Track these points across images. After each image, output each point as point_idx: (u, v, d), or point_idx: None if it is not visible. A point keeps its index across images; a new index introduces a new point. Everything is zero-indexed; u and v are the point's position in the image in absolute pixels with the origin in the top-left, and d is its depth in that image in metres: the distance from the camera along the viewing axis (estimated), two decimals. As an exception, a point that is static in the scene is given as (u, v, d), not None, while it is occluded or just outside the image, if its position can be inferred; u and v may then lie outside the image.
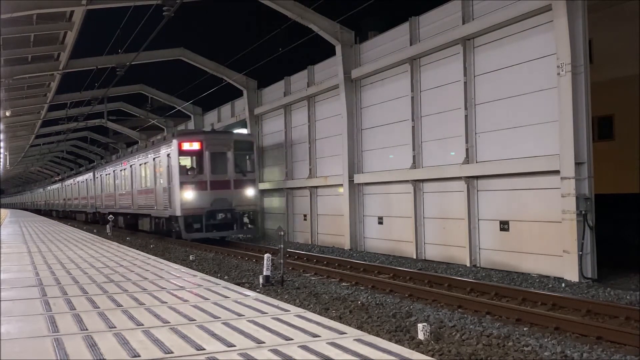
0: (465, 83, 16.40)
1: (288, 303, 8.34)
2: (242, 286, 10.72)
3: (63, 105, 39.43)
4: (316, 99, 24.83)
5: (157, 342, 5.20)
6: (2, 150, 48.93)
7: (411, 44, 18.59)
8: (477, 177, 16.18)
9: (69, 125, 45.03)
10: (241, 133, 28.62)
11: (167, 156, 25.35)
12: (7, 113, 33.39)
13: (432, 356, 7.26)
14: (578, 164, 13.11)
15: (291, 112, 27.10)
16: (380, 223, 20.71)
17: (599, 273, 13.15)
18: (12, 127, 43.18)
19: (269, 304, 6.98)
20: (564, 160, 13.25)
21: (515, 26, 14.95)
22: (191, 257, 19.14)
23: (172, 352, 4.89)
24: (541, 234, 14.25)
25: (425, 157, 18.29)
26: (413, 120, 18.51)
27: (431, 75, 18.00)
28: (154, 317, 6.25)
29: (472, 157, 16.28)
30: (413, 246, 18.63)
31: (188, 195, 23.98)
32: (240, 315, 6.32)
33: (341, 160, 22.16)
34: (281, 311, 6.55)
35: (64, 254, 13.79)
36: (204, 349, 4.95)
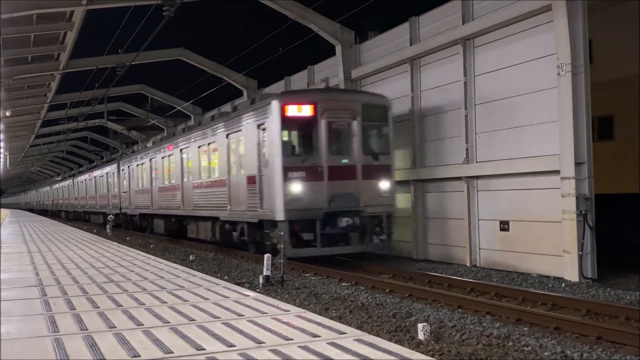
0: (465, 83, 16.40)
1: (288, 303, 8.34)
2: (242, 286, 10.72)
3: (63, 105, 39.45)
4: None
5: (157, 342, 5.20)
6: (2, 150, 48.93)
7: (411, 44, 18.58)
8: (477, 177, 16.18)
9: (69, 125, 45.04)
10: (372, 93, 18.63)
11: (259, 128, 16.64)
12: (7, 113, 33.39)
13: (432, 356, 7.26)
14: (578, 164, 13.11)
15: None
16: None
17: (599, 273, 13.15)
18: (12, 127, 43.20)
19: (269, 304, 6.98)
20: (564, 160, 13.24)
21: (515, 26, 14.94)
22: (191, 257, 19.13)
23: (172, 352, 4.89)
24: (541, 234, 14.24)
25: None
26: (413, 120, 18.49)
27: (431, 75, 17.99)
28: (154, 317, 6.26)
29: (472, 158, 16.28)
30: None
31: (296, 188, 15.46)
32: (240, 315, 6.32)
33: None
34: (281, 311, 6.55)
35: (64, 254, 13.80)
36: (204, 349, 4.95)
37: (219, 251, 21.22)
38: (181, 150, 24.05)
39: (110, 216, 33.33)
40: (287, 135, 16.25)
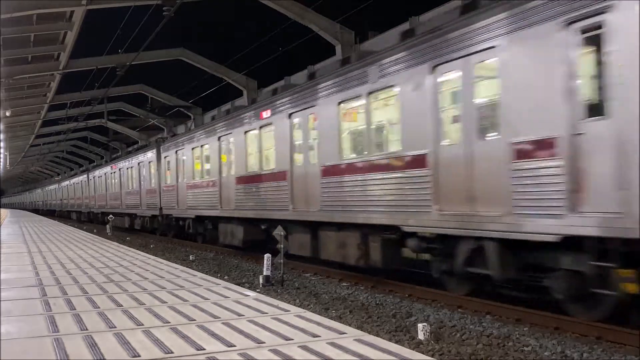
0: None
1: (288, 303, 8.34)
2: (242, 286, 10.72)
3: (63, 105, 39.48)
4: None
5: (157, 342, 5.20)
6: (2, 150, 48.97)
7: (411, 44, 18.55)
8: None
9: (69, 125, 45.05)
10: None
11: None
12: (7, 113, 33.43)
13: (432, 356, 7.26)
14: None
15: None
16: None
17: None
18: (12, 127, 43.24)
19: (269, 304, 6.98)
20: None
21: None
22: (191, 257, 19.13)
23: (172, 352, 4.89)
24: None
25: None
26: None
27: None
28: (154, 317, 6.26)
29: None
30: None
31: None
32: (240, 315, 6.32)
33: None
34: (281, 311, 6.55)
35: (64, 254, 13.80)
36: (204, 349, 4.95)
37: (219, 251, 21.21)
38: (291, 115, 15.33)
39: (110, 216, 33.09)
40: None
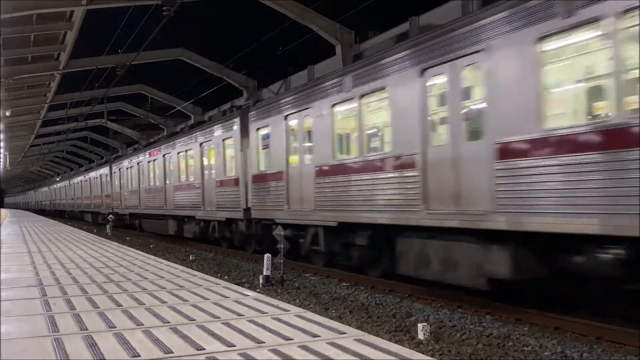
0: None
1: (288, 303, 8.34)
2: (242, 286, 10.72)
3: (63, 105, 39.44)
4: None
5: (157, 342, 5.20)
6: (2, 150, 48.97)
7: (411, 44, 18.54)
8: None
9: (69, 125, 45.03)
10: None
11: None
12: (7, 113, 33.41)
13: (432, 356, 7.26)
14: None
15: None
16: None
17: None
18: (12, 127, 43.22)
19: (269, 304, 6.98)
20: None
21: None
22: (191, 257, 19.13)
23: (172, 352, 4.89)
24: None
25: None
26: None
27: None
28: (154, 317, 6.26)
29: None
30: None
31: None
32: (240, 315, 6.32)
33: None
34: (281, 311, 6.55)
35: (64, 254, 13.80)
36: (204, 349, 4.95)
37: (219, 251, 21.22)
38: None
39: (110, 216, 33.09)
40: None
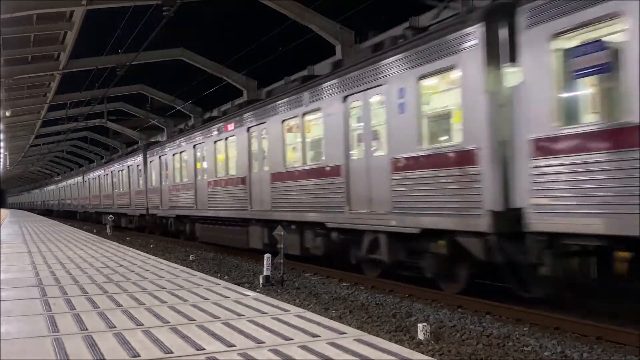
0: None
1: (288, 303, 8.34)
2: (242, 286, 10.72)
3: (63, 105, 39.45)
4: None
5: (157, 342, 5.20)
6: (2, 150, 48.97)
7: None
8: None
9: (69, 125, 45.04)
10: None
11: None
12: (7, 113, 33.43)
13: (432, 356, 7.26)
14: None
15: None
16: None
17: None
18: (12, 127, 43.23)
19: (269, 304, 6.98)
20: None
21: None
22: (191, 257, 19.12)
23: (172, 352, 4.89)
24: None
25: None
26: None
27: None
28: (154, 317, 6.26)
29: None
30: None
31: None
32: (240, 315, 6.32)
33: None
34: (281, 311, 6.55)
35: (64, 254, 13.80)
36: (204, 349, 4.95)
37: (219, 251, 21.20)
38: None
39: (110, 216, 33.17)
40: None
